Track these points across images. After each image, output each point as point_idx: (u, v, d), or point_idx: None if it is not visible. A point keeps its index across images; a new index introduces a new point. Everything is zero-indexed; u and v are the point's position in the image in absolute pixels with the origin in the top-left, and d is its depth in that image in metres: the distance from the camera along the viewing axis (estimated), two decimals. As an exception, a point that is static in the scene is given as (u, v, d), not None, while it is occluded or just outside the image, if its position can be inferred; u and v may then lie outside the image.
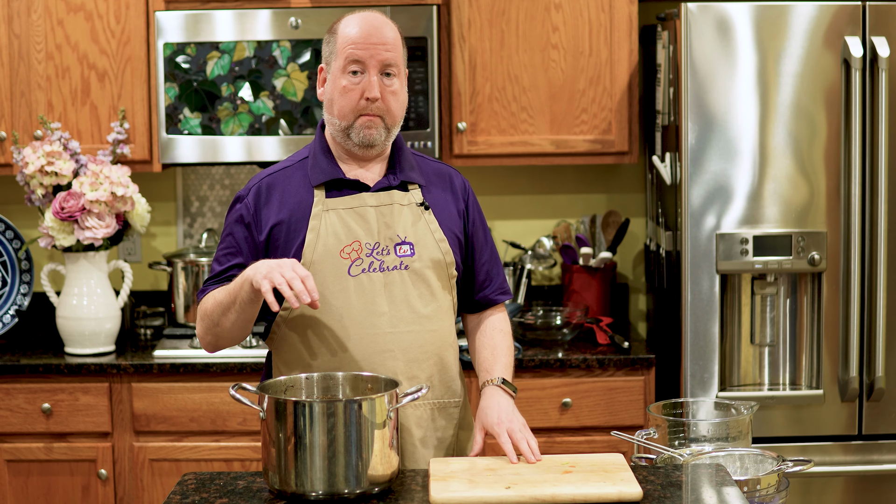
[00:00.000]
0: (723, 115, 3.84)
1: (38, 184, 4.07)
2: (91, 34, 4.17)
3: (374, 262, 2.83)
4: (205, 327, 2.85)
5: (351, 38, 2.80)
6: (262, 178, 2.90)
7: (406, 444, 2.86)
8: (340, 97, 2.81)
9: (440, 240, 2.89)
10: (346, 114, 2.82)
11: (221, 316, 2.79)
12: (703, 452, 2.75)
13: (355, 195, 2.85)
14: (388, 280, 2.83)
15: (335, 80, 2.83)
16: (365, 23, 2.82)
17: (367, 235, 2.83)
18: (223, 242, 2.90)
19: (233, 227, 2.88)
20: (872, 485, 3.94)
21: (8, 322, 4.35)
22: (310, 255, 2.81)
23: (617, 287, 4.56)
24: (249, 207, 2.87)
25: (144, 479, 4.02)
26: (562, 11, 4.16)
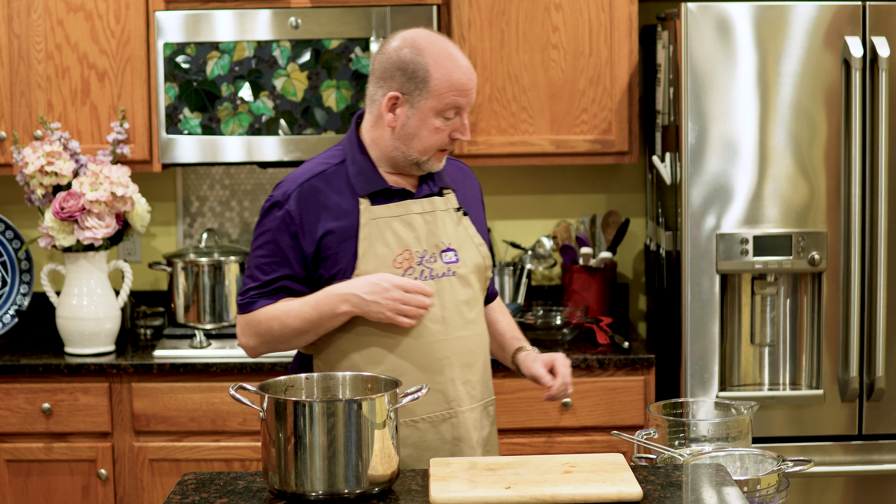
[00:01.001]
0: (723, 115, 3.84)
1: (38, 184, 4.07)
2: (91, 34, 4.17)
3: (425, 269, 2.84)
4: (261, 342, 2.84)
5: (455, 85, 2.77)
6: (302, 183, 2.83)
7: (465, 450, 2.89)
8: (430, 136, 2.79)
9: (479, 244, 2.93)
10: (429, 151, 2.81)
11: (294, 338, 2.81)
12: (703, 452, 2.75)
13: (401, 203, 2.85)
14: (440, 287, 2.84)
15: (425, 119, 2.78)
16: (464, 66, 2.79)
17: (416, 243, 2.84)
18: (264, 249, 2.84)
19: (276, 235, 2.82)
20: (872, 485, 3.94)
21: (8, 322, 4.35)
22: (363, 265, 2.80)
23: (617, 287, 4.56)
24: (294, 215, 2.82)
25: (144, 479, 4.02)
26: (562, 11, 4.16)
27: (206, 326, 4.27)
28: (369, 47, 4.12)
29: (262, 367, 4.00)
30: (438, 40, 2.80)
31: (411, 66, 2.77)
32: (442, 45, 2.79)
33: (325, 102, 4.15)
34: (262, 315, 2.83)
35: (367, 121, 2.88)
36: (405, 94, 2.79)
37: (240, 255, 4.32)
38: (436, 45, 2.78)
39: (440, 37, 2.82)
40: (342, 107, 4.15)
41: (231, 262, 4.28)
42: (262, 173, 4.59)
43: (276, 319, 2.81)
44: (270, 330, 2.82)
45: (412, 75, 2.77)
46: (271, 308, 2.82)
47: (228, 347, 4.15)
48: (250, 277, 2.86)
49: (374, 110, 2.85)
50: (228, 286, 4.28)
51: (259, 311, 2.83)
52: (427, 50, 2.77)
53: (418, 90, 2.77)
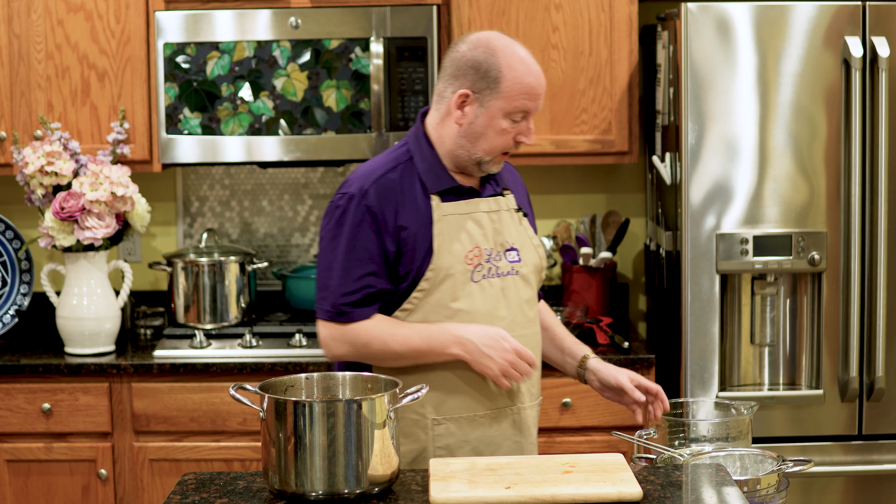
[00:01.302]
0: (723, 115, 3.84)
1: (38, 184, 4.07)
2: (91, 34, 4.17)
3: (492, 267, 2.86)
4: (353, 353, 2.83)
5: (526, 88, 2.79)
6: (378, 178, 2.83)
7: (525, 447, 2.93)
8: (496, 136, 2.81)
9: (537, 245, 2.96)
10: (494, 151, 2.83)
11: (391, 360, 2.81)
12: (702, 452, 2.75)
13: (469, 201, 2.87)
14: (505, 285, 2.87)
15: (493, 119, 2.80)
16: (532, 70, 2.80)
17: (484, 241, 2.86)
18: (346, 248, 2.81)
19: (358, 232, 2.81)
20: (872, 485, 3.94)
21: (8, 322, 4.35)
22: (437, 262, 2.81)
23: (617, 287, 4.56)
24: (375, 210, 2.81)
25: (144, 479, 4.02)
26: (562, 11, 4.16)
27: (206, 326, 4.27)
28: (369, 47, 4.12)
29: (262, 367, 4.00)
30: (512, 44, 2.82)
31: (484, 66, 2.79)
32: (515, 49, 2.82)
33: (325, 102, 4.15)
34: (361, 330, 2.81)
35: (434, 117, 2.89)
36: (476, 92, 2.80)
37: (240, 254, 4.32)
38: (510, 48, 2.81)
39: (514, 41, 2.84)
40: (342, 107, 4.15)
41: (231, 262, 4.28)
42: (262, 173, 4.59)
43: (379, 339, 2.80)
44: (369, 345, 2.81)
45: (484, 74, 2.79)
46: (374, 325, 2.80)
47: (228, 347, 4.15)
48: (338, 282, 2.81)
49: (441, 107, 2.87)
50: (228, 286, 4.28)
51: (359, 325, 2.81)
52: (501, 52, 2.80)
53: (489, 90, 2.79)
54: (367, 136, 4.15)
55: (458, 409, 2.85)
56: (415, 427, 2.85)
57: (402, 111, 4.15)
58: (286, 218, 4.60)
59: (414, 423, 2.85)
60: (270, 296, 4.58)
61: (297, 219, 4.60)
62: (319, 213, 4.59)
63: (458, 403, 2.85)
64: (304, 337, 4.14)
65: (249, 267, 4.33)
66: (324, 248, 2.86)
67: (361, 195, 2.81)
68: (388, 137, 4.15)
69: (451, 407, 2.85)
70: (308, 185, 4.59)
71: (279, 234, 4.60)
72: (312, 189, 4.59)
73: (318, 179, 4.59)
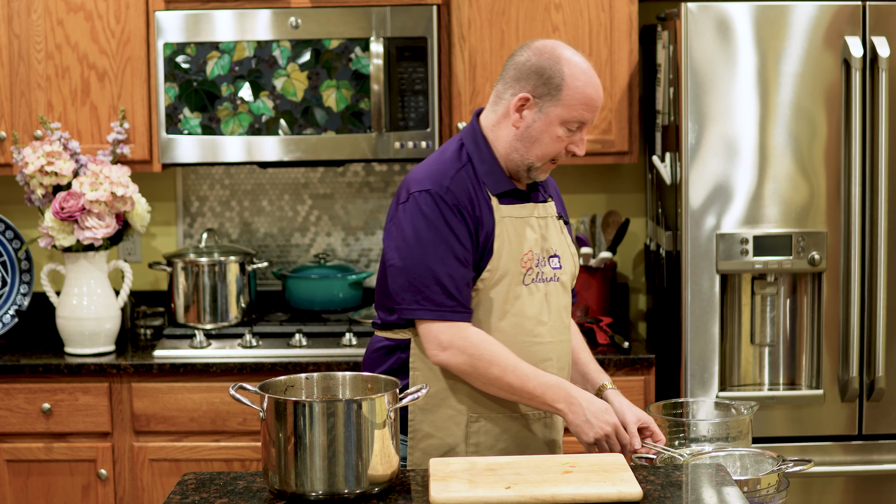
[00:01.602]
0: (723, 115, 3.84)
1: (38, 184, 4.07)
2: (91, 34, 4.17)
3: (540, 272, 2.88)
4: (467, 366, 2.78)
5: (586, 99, 2.80)
6: (453, 176, 2.81)
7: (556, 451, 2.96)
8: (550, 143, 2.82)
9: (574, 253, 2.99)
10: (545, 158, 2.84)
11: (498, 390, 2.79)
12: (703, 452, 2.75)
13: (524, 205, 2.88)
14: (548, 291, 2.89)
15: (550, 126, 2.81)
16: (594, 82, 2.82)
17: (535, 246, 2.88)
18: (448, 251, 2.78)
19: (455, 225, 2.78)
20: (872, 485, 3.94)
21: (8, 322, 4.35)
22: (496, 262, 2.82)
23: (617, 287, 4.56)
24: (461, 206, 2.80)
25: (144, 479, 4.02)
26: (562, 11, 4.16)
27: (206, 326, 4.27)
28: (369, 47, 4.12)
29: (262, 367, 4.00)
30: (576, 55, 2.84)
31: (548, 73, 2.81)
32: (579, 60, 2.84)
33: (325, 102, 4.15)
34: (484, 347, 2.78)
35: (489, 119, 2.90)
36: (536, 97, 2.82)
37: (240, 254, 4.32)
38: (574, 58, 2.83)
39: (577, 52, 2.86)
40: (342, 107, 4.15)
41: (231, 262, 4.28)
42: (262, 173, 4.59)
43: (498, 365, 2.78)
44: (488, 367, 2.77)
45: (547, 80, 2.81)
46: (499, 350, 2.78)
47: (228, 347, 4.15)
48: (448, 278, 2.77)
49: (499, 109, 2.87)
50: (228, 286, 4.28)
51: (480, 343, 2.78)
52: (566, 61, 2.82)
53: (550, 96, 2.81)
54: (367, 136, 4.15)
55: (495, 406, 2.87)
56: (450, 422, 2.86)
57: (402, 111, 4.15)
58: (286, 218, 4.60)
59: (449, 419, 2.86)
60: (270, 296, 4.58)
61: (297, 219, 4.60)
62: (319, 212, 4.59)
63: (497, 401, 2.86)
64: (304, 337, 4.14)
65: (249, 267, 4.33)
66: (412, 245, 2.79)
67: (444, 190, 2.80)
68: (388, 137, 4.15)
69: (489, 405, 2.86)
70: (308, 185, 4.59)
71: (279, 234, 4.60)
72: (312, 189, 4.59)
73: (318, 179, 4.59)
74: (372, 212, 4.60)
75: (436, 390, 2.86)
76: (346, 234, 4.60)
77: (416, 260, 2.78)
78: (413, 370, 2.88)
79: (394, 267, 2.82)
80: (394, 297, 2.83)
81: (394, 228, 2.83)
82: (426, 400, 2.84)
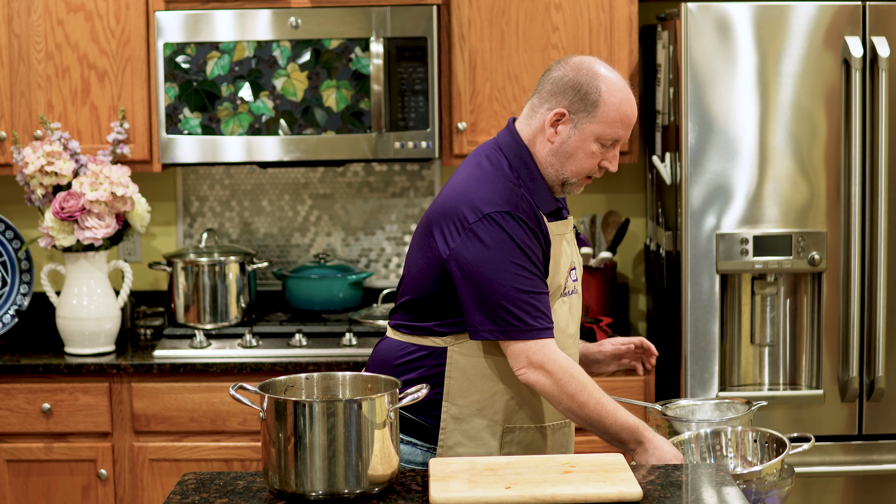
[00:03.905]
0: (723, 115, 3.84)
1: (38, 184, 4.07)
2: (91, 34, 4.17)
3: (569, 285, 2.91)
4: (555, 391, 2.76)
5: (622, 117, 2.80)
6: (520, 197, 2.79)
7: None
8: (585, 159, 2.82)
9: (580, 264, 3.01)
10: (580, 174, 2.83)
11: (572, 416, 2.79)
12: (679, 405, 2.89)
13: (562, 222, 2.90)
14: (571, 303, 2.92)
15: (585, 142, 2.80)
16: (630, 100, 2.82)
17: (569, 261, 2.90)
18: (532, 271, 2.76)
19: (534, 246, 2.78)
20: (872, 485, 3.94)
21: (8, 322, 4.35)
22: (552, 280, 2.83)
23: (617, 287, 4.56)
24: (531, 225, 2.79)
25: (144, 479, 4.02)
26: (562, 11, 4.16)
27: (206, 326, 4.27)
28: (369, 47, 4.12)
29: (262, 367, 4.00)
30: (612, 72, 2.84)
31: (585, 89, 2.80)
32: (617, 77, 2.83)
33: (325, 102, 4.15)
34: (570, 375, 2.75)
35: (525, 132, 2.87)
36: (572, 113, 2.81)
37: (240, 254, 4.32)
38: (612, 75, 2.83)
39: (613, 69, 2.86)
40: (342, 107, 4.15)
41: (231, 262, 4.28)
42: (262, 173, 4.59)
43: (583, 395, 2.76)
44: (574, 395, 2.75)
45: (584, 96, 2.80)
46: (583, 378, 2.76)
47: (228, 347, 4.15)
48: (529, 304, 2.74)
49: (533, 123, 2.85)
50: (228, 286, 4.28)
51: (569, 366, 2.76)
52: (603, 78, 2.81)
53: (586, 112, 2.80)
54: (367, 136, 4.15)
55: (529, 418, 2.87)
56: (485, 432, 2.84)
57: (402, 111, 4.15)
58: (286, 218, 4.60)
59: (485, 429, 2.84)
60: (270, 296, 4.58)
61: (297, 219, 4.60)
62: (320, 212, 4.59)
63: (530, 412, 2.86)
64: (304, 337, 4.14)
65: (249, 267, 4.33)
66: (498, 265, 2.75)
67: (517, 210, 2.77)
68: (388, 137, 4.15)
69: (523, 416, 2.86)
70: (308, 185, 4.59)
71: (279, 234, 4.60)
72: (312, 189, 4.59)
73: (318, 179, 4.59)
74: (372, 212, 4.60)
75: (472, 400, 2.84)
76: (346, 234, 4.60)
77: (503, 280, 2.74)
78: (449, 378, 2.84)
79: (477, 286, 2.76)
80: (474, 316, 2.77)
81: (471, 246, 2.76)
82: (460, 409, 2.83)
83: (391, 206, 4.59)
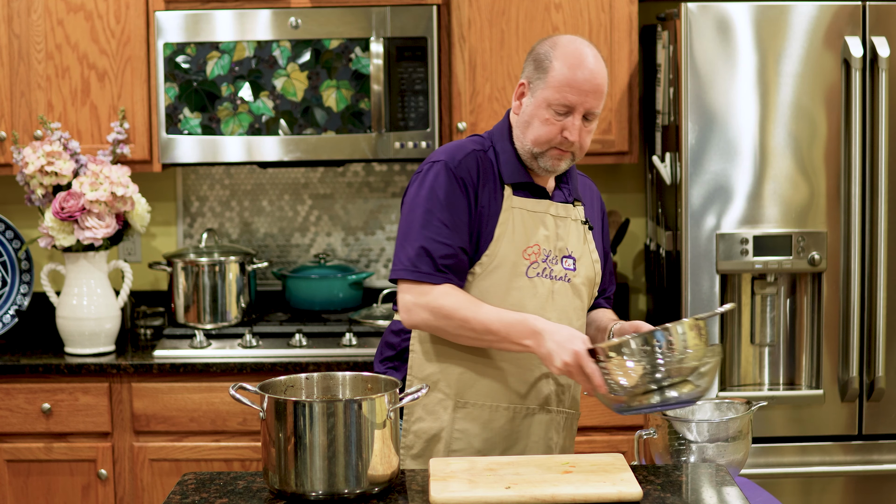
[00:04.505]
0: (723, 115, 3.84)
1: (38, 184, 4.07)
2: (91, 34, 4.17)
3: (547, 268, 2.88)
4: (435, 326, 2.80)
5: (568, 81, 2.79)
6: (468, 154, 2.85)
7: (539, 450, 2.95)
8: (540, 126, 2.83)
9: (595, 260, 2.98)
10: (541, 143, 2.84)
11: (468, 339, 2.80)
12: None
13: (540, 201, 2.90)
14: (555, 289, 2.89)
15: (538, 109, 2.83)
16: (584, 66, 2.80)
17: (545, 241, 2.88)
18: (446, 213, 2.81)
19: (453, 196, 2.81)
20: (872, 485, 3.94)
21: (8, 322, 4.35)
22: (496, 248, 2.84)
23: (617, 287, 4.56)
24: (466, 178, 2.83)
25: (144, 479, 4.02)
26: (562, 11, 4.16)
27: (206, 326, 4.27)
28: (369, 47, 4.12)
29: (262, 367, 4.00)
30: (578, 43, 2.84)
31: (541, 58, 2.84)
32: (577, 47, 2.83)
33: (325, 102, 4.15)
34: (445, 300, 2.78)
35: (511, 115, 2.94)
36: (530, 82, 2.85)
37: (240, 254, 4.32)
38: (571, 45, 2.83)
39: (584, 43, 2.85)
40: (342, 107, 4.15)
41: (231, 262, 4.28)
42: (262, 173, 4.59)
43: (460, 314, 2.77)
44: (450, 318, 2.77)
45: (539, 65, 2.84)
46: (457, 298, 2.78)
47: (228, 347, 4.15)
48: (432, 242, 2.80)
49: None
50: (228, 286, 4.28)
51: (443, 294, 2.78)
52: (562, 47, 2.83)
53: (539, 79, 2.83)
54: (367, 136, 4.15)
55: (483, 395, 2.88)
56: (439, 406, 2.88)
57: (402, 111, 4.16)
58: (286, 218, 4.60)
59: (438, 403, 2.88)
60: (270, 296, 4.58)
61: (297, 219, 4.60)
62: (320, 212, 4.59)
63: (486, 389, 2.87)
64: (304, 337, 4.14)
65: (249, 267, 4.33)
66: (410, 210, 2.84)
67: (454, 164, 2.83)
68: (388, 137, 4.15)
69: (476, 392, 2.88)
70: (308, 185, 4.59)
71: (279, 234, 4.60)
72: (312, 189, 4.59)
73: (318, 179, 4.59)
74: (372, 212, 4.60)
75: (429, 373, 2.88)
76: (346, 234, 4.60)
77: (411, 224, 2.84)
78: (412, 352, 2.90)
79: (400, 227, 2.87)
80: (394, 255, 2.87)
81: (409, 191, 2.88)
82: (420, 383, 2.85)
83: (391, 206, 4.59)
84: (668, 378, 2.59)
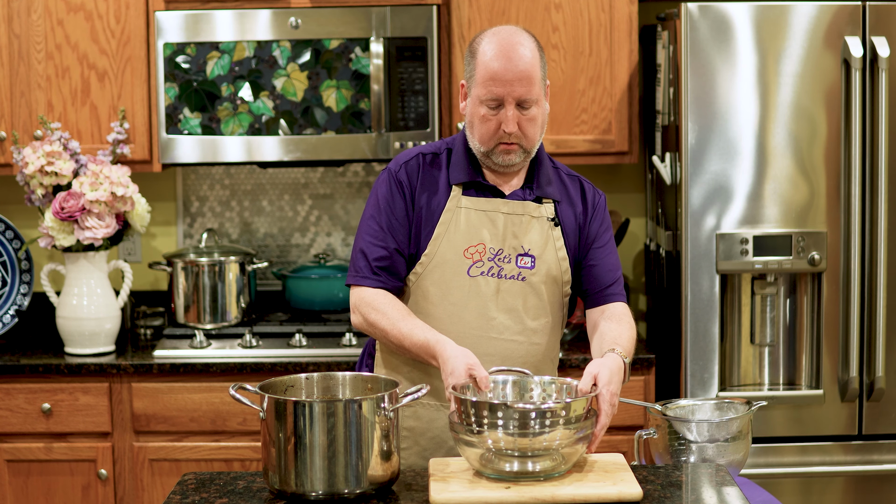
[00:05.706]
0: (723, 115, 3.84)
1: (38, 184, 4.07)
2: (91, 34, 4.17)
3: (494, 267, 2.86)
4: (367, 329, 2.87)
5: (490, 72, 2.76)
6: (411, 159, 2.90)
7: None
8: (480, 124, 2.82)
9: (562, 258, 2.92)
10: (486, 140, 2.83)
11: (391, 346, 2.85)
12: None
13: (489, 199, 2.88)
14: (503, 288, 2.87)
15: (475, 107, 2.82)
16: (503, 55, 2.76)
17: (492, 240, 2.87)
18: (374, 219, 2.88)
19: (392, 200, 2.87)
20: (872, 485, 3.94)
21: (8, 322, 4.35)
22: (435, 247, 2.85)
23: (617, 287, 4.55)
24: (404, 183, 2.87)
25: (144, 479, 4.02)
26: (562, 11, 4.16)
27: (206, 326, 4.27)
28: (369, 47, 4.12)
29: (262, 367, 4.00)
30: (502, 34, 2.79)
31: (468, 56, 2.83)
32: (503, 36, 2.79)
33: (325, 102, 4.15)
34: (376, 304, 2.84)
35: None
36: (467, 81, 2.85)
37: (240, 254, 4.32)
38: (495, 37, 2.79)
39: (510, 31, 2.80)
40: (342, 107, 4.15)
41: (231, 262, 4.28)
42: (262, 173, 4.59)
43: (379, 325, 2.83)
44: (374, 325, 2.84)
45: (468, 63, 2.84)
46: (386, 307, 2.82)
47: (228, 347, 4.15)
48: (369, 247, 2.87)
49: None
50: (228, 286, 4.28)
51: (375, 300, 2.84)
52: (486, 38, 2.80)
53: (471, 77, 2.82)
54: (367, 136, 4.15)
55: (427, 395, 2.88)
56: None
57: (402, 111, 4.16)
58: (286, 218, 4.60)
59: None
60: (270, 296, 4.58)
61: (297, 219, 4.60)
62: (319, 212, 4.59)
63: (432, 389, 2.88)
64: (304, 337, 4.14)
65: (249, 267, 4.33)
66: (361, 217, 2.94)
67: (396, 169, 2.88)
68: (388, 137, 4.15)
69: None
70: (308, 185, 4.59)
71: (279, 234, 4.60)
72: (312, 189, 4.59)
73: (318, 179, 4.59)
74: (372, 212, 4.60)
75: (385, 371, 2.94)
76: (346, 234, 4.60)
77: (358, 230, 2.93)
78: (378, 350, 2.96)
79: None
80: None
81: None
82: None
83: (391, 206, 4.59)
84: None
